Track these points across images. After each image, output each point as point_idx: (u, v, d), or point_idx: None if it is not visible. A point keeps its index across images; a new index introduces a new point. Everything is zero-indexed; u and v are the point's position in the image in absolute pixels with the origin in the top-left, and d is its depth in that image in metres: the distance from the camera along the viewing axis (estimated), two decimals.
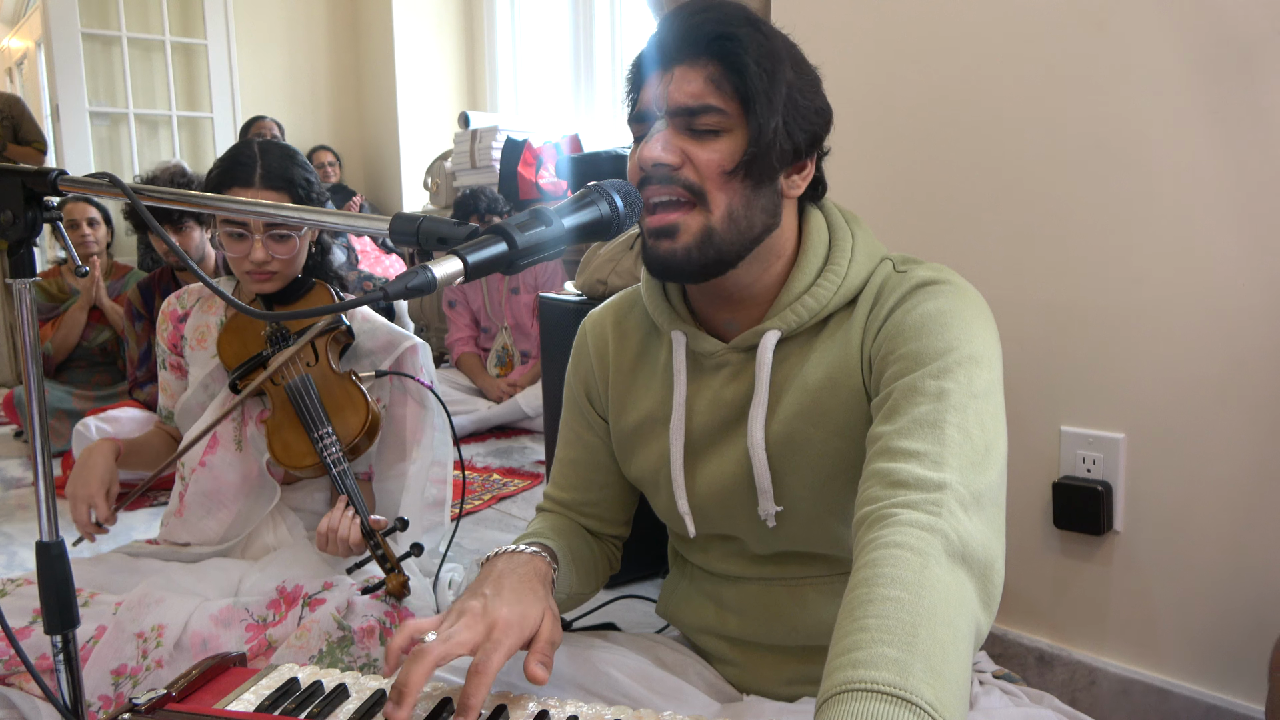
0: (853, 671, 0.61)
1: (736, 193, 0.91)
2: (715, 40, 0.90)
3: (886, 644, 0.62)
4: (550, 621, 0.86)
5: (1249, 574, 1.23)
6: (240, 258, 1.46)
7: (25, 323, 0.88)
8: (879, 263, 0.98)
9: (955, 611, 0.66)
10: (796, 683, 1.02)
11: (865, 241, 0.98)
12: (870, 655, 0.61)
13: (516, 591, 0.87)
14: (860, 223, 1.01)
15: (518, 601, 0.85)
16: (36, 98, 6.50)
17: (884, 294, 0.94)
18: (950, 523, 0.72)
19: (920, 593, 0.66)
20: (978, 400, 0.82)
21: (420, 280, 0.64)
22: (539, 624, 0.85)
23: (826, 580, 1.00)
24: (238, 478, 1.53)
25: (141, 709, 0.76)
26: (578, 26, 4.56)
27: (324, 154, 5.11)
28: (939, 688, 0.60)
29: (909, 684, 0.59)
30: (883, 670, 0.60)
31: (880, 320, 0.92)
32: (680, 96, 0.90)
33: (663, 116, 0.91)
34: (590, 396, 1.13)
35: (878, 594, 0.66)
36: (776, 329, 0.95)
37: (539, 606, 0.86)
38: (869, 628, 0.64)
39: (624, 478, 1.13)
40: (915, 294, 0.91)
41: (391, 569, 1.35)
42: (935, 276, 0.92)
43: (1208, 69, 1.20)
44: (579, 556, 1.09)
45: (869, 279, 0.96)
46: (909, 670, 0.60)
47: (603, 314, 1.14)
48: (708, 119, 0.90)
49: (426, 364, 1.61)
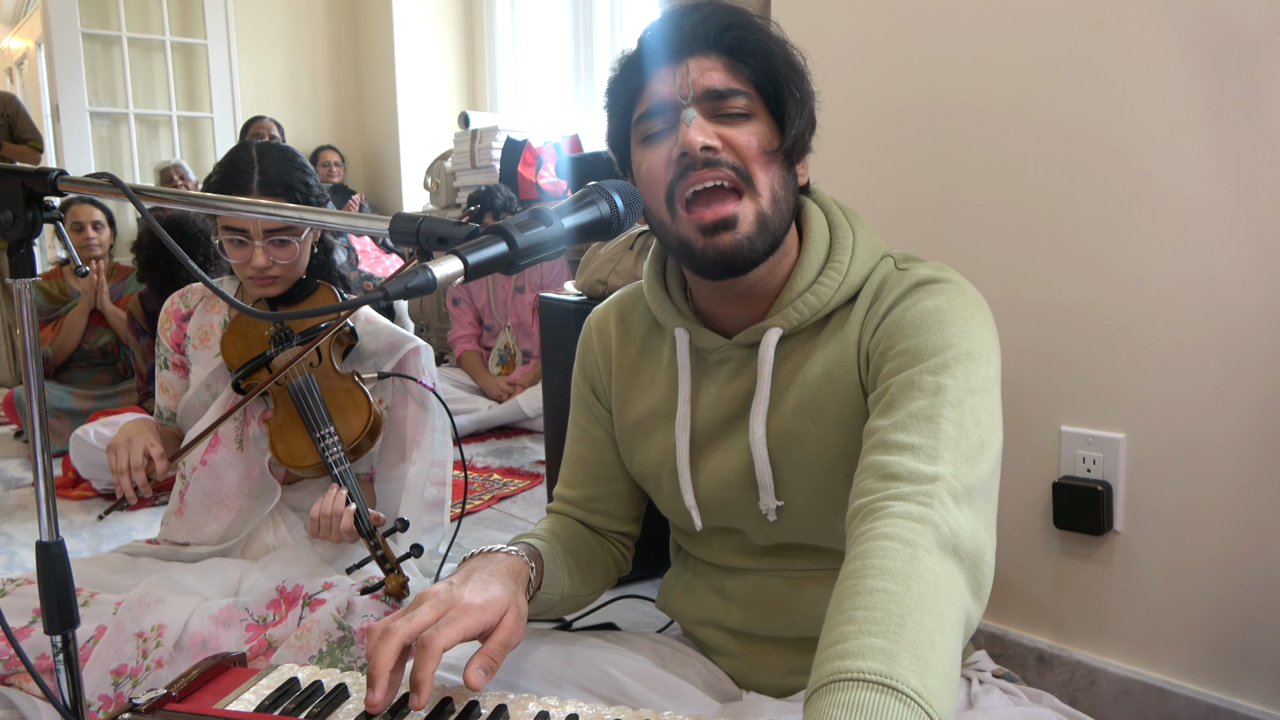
0: (840, 662, 0.61)
1: (776, 175, 0.92)
2: (727, 30, 0.91)
3: (873, 634, 0.62)
4: (512, 619, 0.84)
5: (1249, 574, 1.23)
6: (242, 263, 1.46)
7: (25, 323, 0.88)
8: (880, 260, 0.98)
9: (944, 601, 0.67)
10: (796, 673, 1.03)
11: (866, 238, 0.99)
12: (857, 646, 0.62)
13: (483, 581, 0.87)
14: (860, 219, 1.01)
15: (483, 590, 0.84)
16: (36, 98, 6.49)
17: (884, 291, 0.94)
18: (940, 513, 0.72)
19: (909, 583, 0.66)
20: (974, 396, 0.82)
21: (420, 280, 0.64)
22: (501, 614, 0.83)
23: (827, 573, 1.01)
24: (239, 477, 1.53)
25: (141, 709, 0.76)
26: (578, 26, 4.56)
27: (329, 154, 5.11)
28: (925, 676, 0.60)
29: (895, 672, 0.60)
30: (869, 660, 0.61)
31: (879, 316, 0.92)
32: (707, 81, 0.90)
33: (688, 104, 0.90)
34: (596, 392, 1.14)
35: (866, 585, 0.67)
36: (779, 326, 0.96)
37: (505, 599, 0.85)
38: (857, 619, 0.64)
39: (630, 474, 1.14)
40: (915, 291, 0.92)
41: (391, 569, 1.36)
42: (935, 275, 0.93)
43: (1208, 69, 1.20)
44: (577, 557, 1.09)
45: (870, 275, 0.96)
46: (895, 659, 0.61)
47: (606, 310, 1.15)
48: (736, 102, 0.91)
49: (429, 366, 1.61)
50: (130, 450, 1.42)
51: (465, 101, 5.39)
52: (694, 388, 1.02)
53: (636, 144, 0.97)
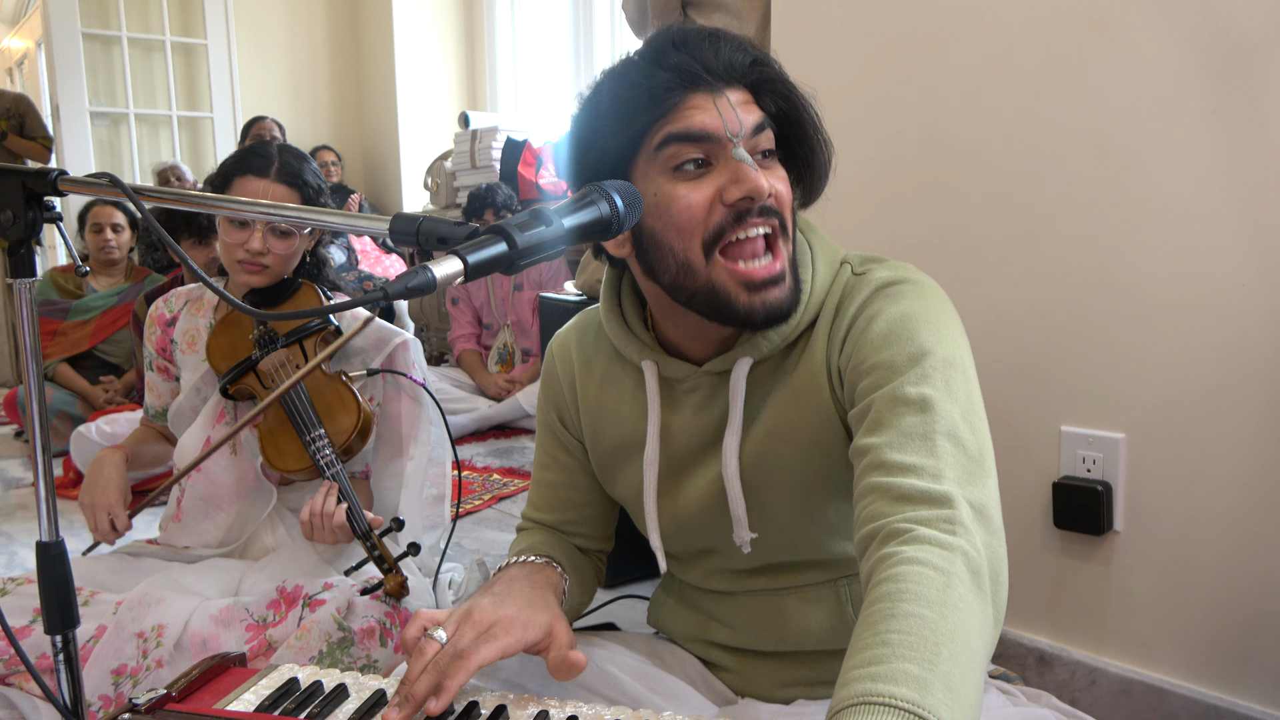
0: (871, 684, 0.60)
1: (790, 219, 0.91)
2: (754, 65, 0.89)
3: (908, 660, 0.61)
4: (563, 629, 0.86)
5: (1249, 574, 1.23)
6: (237, 245, 1.46)
7: (25, 322, 0.88)
8: (839, 268, 0.96)
9: (975, 634, 0.66)
10: (791, 685, 1.02)
11: (823, 249, 0.96)
12: (891, 670, 0.61)
13: (527, 597, 0.88)
14: (814, 229, 0.99)
15: (527, 606, 0.86)
16: (37, 98, 6.48)
17: (845, 302, 0.92)
18: (966, 539, 0.71)
19: (944, 612, 0.65)
20: (959, 405, 0.82)
21: (420, 280, 0.64)
22: (545, 631, 0.84)
23: (811, 588, 1.00)
24: (233, 481, 1.53)
25: (141, 709, 0.76)
26: (578, 26, 4.56)
27: (326, 154, 5.12)
28: (955, 709, 0.60)
29: (927, 702, 0.59)
30: (902, 686, 0.60)
31: (844, 330, 0.90)
32: (752, 118, 0.87)
33: (739, 143, 0.86)
34: (563, 420, 1.11)
35: (902, 609, 0.66)
36: (749, 356, 0.93)
37: (546, 615, 0.86)
38: (891, 642, 0.63)
39: (602, 496, 1.12)
40: (876, 298, 0.90)
41: (389, 569, 1.35)
42: (893, 276, 0.91)
43: (1208, 69, 1.20)
44: (577, 569, 1.09)
45: (830, 288, 0.94)
46: (928, 689, 0.60)
47: (566, 337, 1.11)
48: (767, 141, 0.89)
49: (418, 360, 1.61)
50: (95, 516, 1.47)
51: (465, 101, 5.39)
52: (663, 419, 1.00)
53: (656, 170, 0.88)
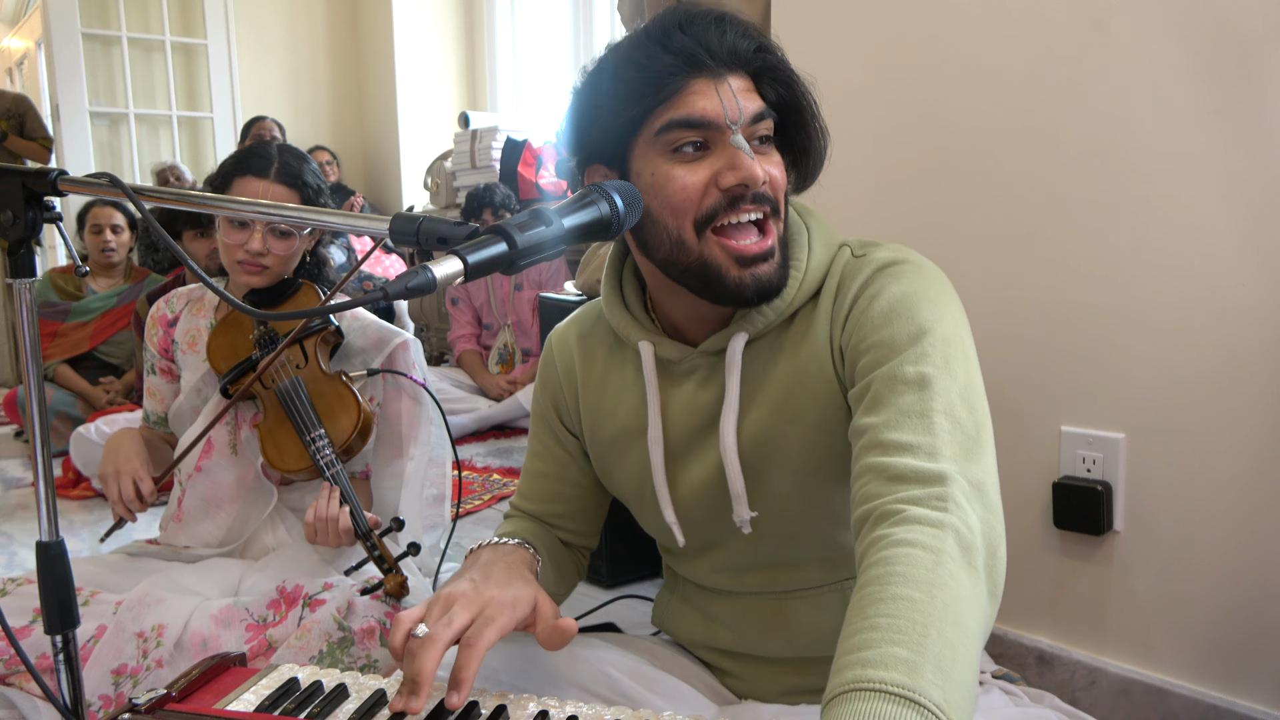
0: (861, 670, 0.61)
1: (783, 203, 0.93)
2: (758, 52, 0.89)
3: (896, 644, 0.62)
4: (546, 600, 0.86)
5: (1249, 574, 1.23)
6: (237, 245, 1.46)
7: (25, 322, 0.88)
8: (837, 250, 0.97)
9: (966, 611, 0.66)
10: (793, 693, 1.01)
11: (821, 232, 0.97)
12: (880, 655, 0.61)
13: (506, 576, 0.88)
14: (813, 214, 1.00)
15: (508, 585, 0.85)
16: (37, 98, 6.49)
17: (846, 281, 0.93)
18: (958, 515, 0.71)
19: (933, 592, 0.65)
20: (958, 383, 0.82)
21: (420, 280, 0.64)
22: (532, 606, 0.85)
23: (816, 592, 0.99)
24: (234, 481, 1.53)
25: (141, 709, 0.76)
26: (578, 26, 4.56)
27: (321, 154, 5.12)
28: (947, 689, 0.60)
29: (917, 685, 0.59)
30: (892, 670, 0.60)
31: (846, 308, 0.91)
32: (749, 104, 0.88)
33: (737, 130, 0.87)
34: (560, 412, 1.11)
35: (889, 592, 0.66)
36: (744, 331, 0.94)
37: (529, 590, 0.86)
38: (879, 626, 0.63)
39: (592, 491, 1.12)
40: (877, 278, 0.91)
41: (389, 569, 1.35)
42: (894, 257, 0.92)
43: (1207, 69, 1.20)
44: (555, 557, 1.09)
45: (830, 268, 0.95)
46: (918, 671, 0.60)
47: (566, 330, 1.12)
48: (765, 128, 0.90)
49: (418, 359, 1.61)
50: (120, 483, 1.46)
51: (465, 101, 5.39)
52: (663, 400, 1.00)
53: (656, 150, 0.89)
